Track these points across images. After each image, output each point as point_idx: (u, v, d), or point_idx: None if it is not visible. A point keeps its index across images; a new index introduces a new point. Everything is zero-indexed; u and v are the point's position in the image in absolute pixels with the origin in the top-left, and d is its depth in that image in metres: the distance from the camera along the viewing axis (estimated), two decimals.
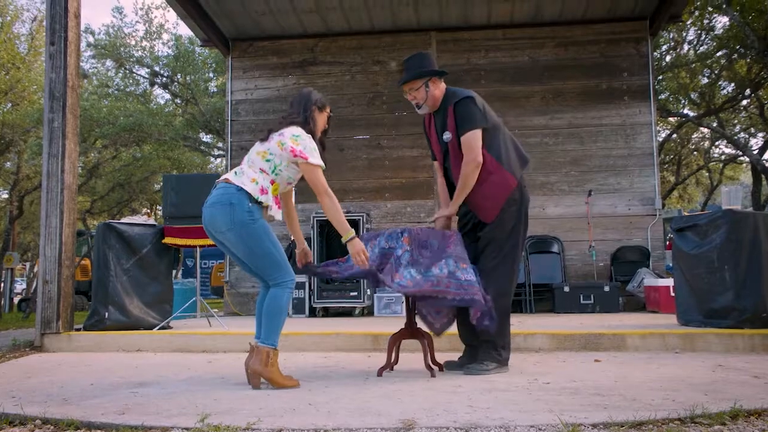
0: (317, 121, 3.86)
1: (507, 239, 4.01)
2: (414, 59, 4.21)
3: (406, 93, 4.21)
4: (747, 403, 2.85)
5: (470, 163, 3.91)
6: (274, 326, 3.62)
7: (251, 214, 3.54)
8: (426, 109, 4.19)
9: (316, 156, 3.72)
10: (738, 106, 15.33)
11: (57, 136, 5.71)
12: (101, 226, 6.18)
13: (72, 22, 5.84)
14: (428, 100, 4.14)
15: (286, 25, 9.47)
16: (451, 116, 4.01)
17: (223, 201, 3.57)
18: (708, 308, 5.42)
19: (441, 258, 3.84)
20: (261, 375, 3.55)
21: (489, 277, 3.94)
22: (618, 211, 9.09)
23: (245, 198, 3.54)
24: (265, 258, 3.60)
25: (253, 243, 3.57)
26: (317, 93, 3.93)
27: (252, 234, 3.55)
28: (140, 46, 16.82)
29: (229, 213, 3.54)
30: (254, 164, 3.68)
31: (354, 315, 8.22)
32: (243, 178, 3.61)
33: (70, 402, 3.20)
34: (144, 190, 18.42)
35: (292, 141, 3.66)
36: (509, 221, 4.01)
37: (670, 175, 18.32)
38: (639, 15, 9.28)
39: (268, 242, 3.59)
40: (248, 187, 3.56)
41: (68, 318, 5.72)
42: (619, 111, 9.28)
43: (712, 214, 5.63)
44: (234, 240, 3.59)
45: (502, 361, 3.99)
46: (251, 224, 3.54)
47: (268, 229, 3.62)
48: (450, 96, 4.11)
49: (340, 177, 9.46)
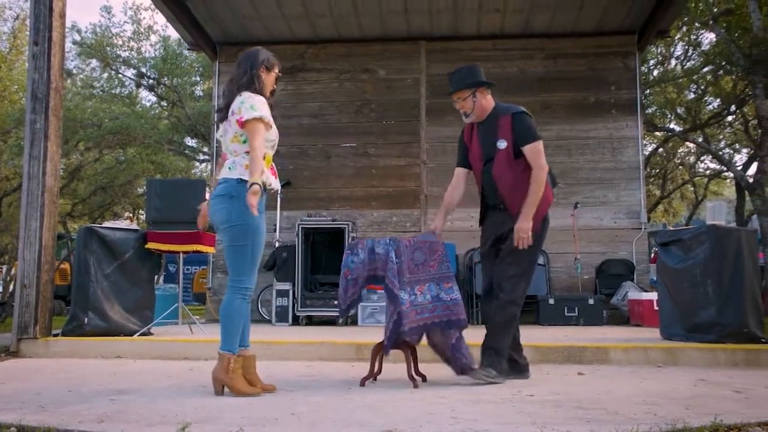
0: (264, 80, 3.76)
1: (528, 253, 4.09)
2: (462, 70, 4.41)
3: (454, 103, 4.34)
4: (727, 418, 2.85)
5: (541, 170, 4.07)
6: (228, 332, 3.58)
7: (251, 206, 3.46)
8: (473, 117, 4.30)
9: (251, 111, 3.57)
10: (723, 121, 15.47)
11: (39, 138, 5.63)
12: (82, 230, 6.11)
13: (56, 22, 5.77)
14: (475, 110, 4.26)
15: (275, 30, 9.44)
16: (507, 127, 4.14)
17: (222, 193, 3.56)
18: (691, 323, 5.45)
19: (424, 281, 3.96)
20: (222, 382, 3.53)
21: (505, 284, 4.06)
22: (604, 224, 9.12)
23: (244, 189, 3.47)
24: (237, 254, 3.58)
25: (239, 236, 3.55)
26: (265, 52, 3.83)
27: (244, 228, 3.54)
28: (127, 46, 16.72)
29: (229, 206, 3.53)
30: (237, 152, 3.64)
31: (338, 324, 8.16)
32: (238, 169, 3.58)
33: (47, 409, 3.14)
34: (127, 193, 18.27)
35: (237, 112, 3.60)
36: (534, 236, 4.08)
37: (655, 188, 18.45)
38: (627, 29, 9.33)
39: (250, 241, 3.57)
40: (246, 175, 3.52)
41: (46, 323, 5.63)
42: (606, 124, 9.31)
43: (696, 230, 5.67)
44: (223, 233, 3.59)
45: (501, 370, 4.04)
46: (248, 217, 3.49)
47: (260, 229, 3.62)
48: (502, 109, 4.25)
49: (326, 185, 9.43)
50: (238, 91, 3.68)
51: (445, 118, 9.37)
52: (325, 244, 8.54)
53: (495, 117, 4.23)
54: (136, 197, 19.18)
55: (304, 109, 9.63)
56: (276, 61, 3.85)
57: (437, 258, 4.03)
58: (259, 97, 3.64)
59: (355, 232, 8.44)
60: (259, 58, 3.76)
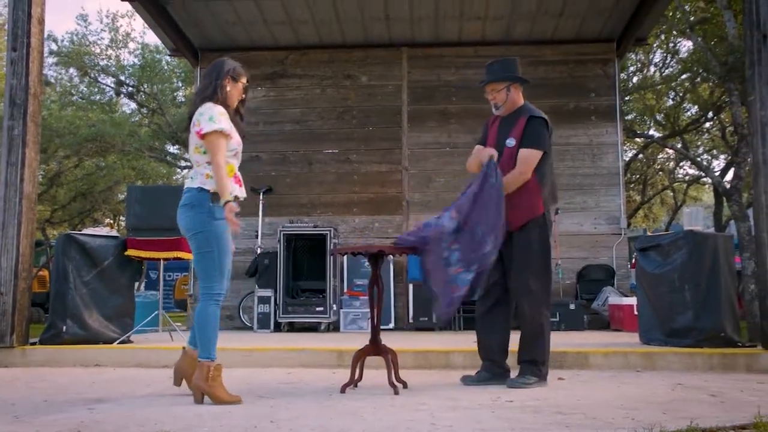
0: (230, 91, 3.78)
1: (538, 260, 4.18)
2: (500, 63, 4.37)
3: (486, 93, 4.33)
4: (703, 422, 2.88)
5: (519, 175, 4.12)
6: (205, 339, 3.60)
7: (212, 214, 3.58)
8: (502, 110, 4.33)
9: (210, 123, 3.60)
10: (701, 128, 15.64)
11: (17, 145, 5.58)
12: (61, 237, 6.07)
13: (35, 28, 5.73)
14: (507, 103, 4.29)
15: (257, 36, 9.43)
16: (521, 127, 4.17)
17: (186, 203, 3.64)
18: (669, 327, 5.50)
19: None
20: (202, 390, 3.53)
21: (528, 298, 4.13)
22: (584, 230, 9.18)
23: (206, 198, 3.59)
24: (204, 261, 3.62)
25: (203, 244, 3.60)
26: (231, 62, 3.85)
27: (206, 235, 3.59)
28: (105, 54, 16.58)
29: (191, 215, 3.61)
30: (199, 162, 3.69)
31: (320, 330, 8.15)
32: (199, 179, 3.64)
33: (22, 419, 3.10)
34: (107, 200, 18.08)
35: (197, 124, 3.64)
36: (536, 242, 4.18)
37: (636, 194, 18.59)
38: (606, 37, 9.42)
39: (215, 248, 3.60)
40: (207, 184, 3.60)
41: (23, 331, 5.57)
42: (586, 131, 9.39)
43: (673, 235, 5.74)
44: (190, 241, 3.65)
45: (542, 375, 4.14)
46: (209, 225, 3.57)
47: (224, 235, 3.63)
48: (527, 109, 4.29)
49: (308, 191, 9.41)
50: (202, 102, 3.71)
51: (426, 125, 9.41)
52: (306, 251, 8.53)
53: (518, 115, 4.28)
54: (116, 204, 19.00)
55: (286, 115, 9.62)
56: (243, 71, 3.86)
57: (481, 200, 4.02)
58: (218, 108, 3.66)
59: (336, 238, 8.43)
60: (224, 68, 3.78)
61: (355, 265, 8.81)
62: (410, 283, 8.59)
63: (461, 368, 5.00)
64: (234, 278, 9.01)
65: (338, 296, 8.45)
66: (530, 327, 4.17)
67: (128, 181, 16.35)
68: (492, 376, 4.21)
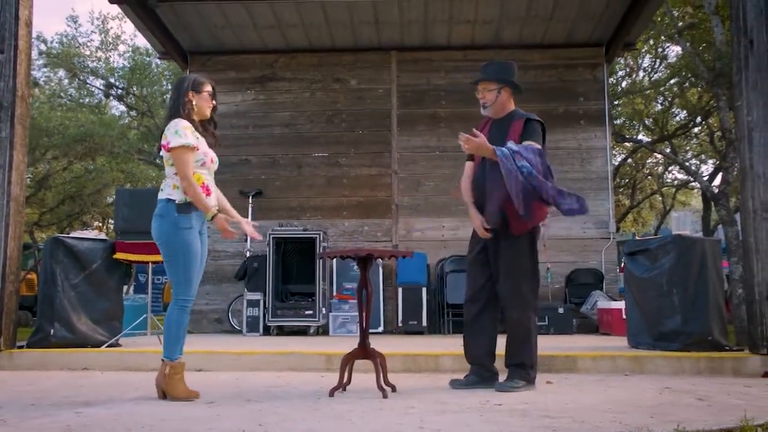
0: (196, 103, 3.90)
1: (527, 265, 4.19)
2: (497, 64, 4.42)
3: (478, 91, 4.34)
4: (690, 425, 2.89)
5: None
6: (167, 340, 3.82)
7: (176, 224, 3.74)
8: (489, 111, 4.35)
9: (176, 137, 3.74)
10: (690, 133, 15.74)
11: (4, 147, 5.54)
12: (49, 240, 6.04)
13: (23, 31, 5.70)
14: (495, 105, 4.31)
15: (246, 39, 9.42)
16: (519, 129, 4.21)
17: (155, 213, 3.82)
18: (657, 331, 5.53)
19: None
20: (161, 387, 3.76)
21: (515, 302, 4.15)
22: (573, 234, 9.21)
23: (173, 209, 3.76)
24: (170, 268, 3.81)
25: (169, 252, 3.78)
26: (191, 76, 4.00)
27: (171, 244, 3.76)
28: (95, 56, 16.52)
29: (158, 225, 3.79)
30: (168, 174, 3.86)
31: (309, 334, 8.13)
32: (167, 190, 3.81)
33: (8, 423, 3.08)
34: (96, 203, 17.97)
35: (164, 137, 3.80)
36: (526, 247, 4.19)
37: (625, 198, 18.69)
38: (596, 41, 9.48)
39: (181, 256, 3.76)
40: (174, 195, 3.78)
41: (11, 335, 5.53)
42: (575, 135, 9.43)
43: (661, 239, 5.78)
44: (160, 249, 3.81)
45: (530, 379, 4.15)
46: (173, 234, 3.75)
47: (189, 245, 3.77)
48: (520, 114, 4.34)
49: (297, 194, 9.41)
50: (169, 119, 3.86)
51: (416, 128, 9.43)
52: (296, 254, 8.52)
53: (511, 119, 4.31)
54: (105, 207, 18.91)
55: (275, 119, 9.61)
56: (204, 79, 3.98)
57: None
58: (183, 122, 3.80)
59: (326, 242, 8.42)
60: (184, 84, 3.93)
61: (345, 268, 8.81)
62: (399, 286, 8.60)
63: (450, 372, 5.00)
64: (223, 281, 9.15)
65: (327, 300, 8.44)
66: (518, 331, 4.17)
67: (117, 184, 16.28)
68: (481, 379, 4.22)
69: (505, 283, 4.17)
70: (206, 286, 8.78)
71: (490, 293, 4.26)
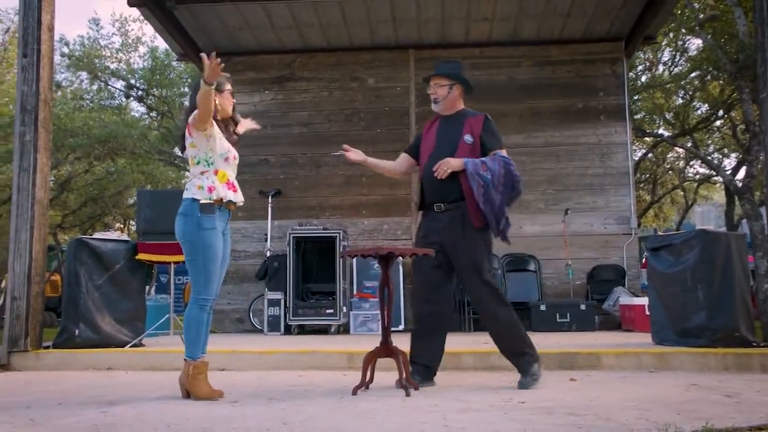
0: (218, 102, 3.95)
1: (486, 261, 4.19)
2: (451, 63, 4.51)
3: (429, 87, 4.42)
4: (719, 423, 2.86)
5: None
6: (188, 339, 3.85)
7: (200, 224, 3.79)
8: (440, 107, 4.39)
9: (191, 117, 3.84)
10: (711, 126, 15.55)
11: (28, 150, 5.62)
12: (73, 241, 6.10)
13: (45, 35, 5.77)
14: (446, 101, 4.37)
15: (264, 40, 9.46)
16: (478, 127, 4.25)
17: (179, 212, 3.87)
18: (682, 327, 5.46)
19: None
20: (186, 387, 3.78)
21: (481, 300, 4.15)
22: (594, 230, 9.14)
23: (196, 208, 3.80)
24: (191, 267, 3.85)
25: (191, 251, 3.82)
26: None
27: (193, 243, 3.81)
28: (116, 58, 16.68)
29: (182, 223, 3.84)
30: (193, 174, 3.92)
31: (330, 333, 8.15)
32: (191, 190, 3.86)
33: (37, 422, 3.12)
34: (117, 204, 18.14)
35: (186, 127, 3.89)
36: (482, 245, 4.19)
37: (645, 194, 18.51)
38: (614, 36, 9.40)
39: (201, 255, 3.81)
40: (198, 195, 3.82)
41: (37, 336, 5.60)
42: (595, 130, 9.36)
43: (685, 234, 5.71)
44: (182, 248, 3.86)
45: (536, 358, 4.13)
46: (196, 234, 3.79)
47: (211, 244, 3.82)
48: (471, 112, 4.39)
49: (316, 193, 9.43)
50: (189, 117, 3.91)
51: None
52: (316, 253, 8.54)
53: (463, 116, 4.35)
54: (126, 208, 19.07)
55: (294, 119, 9.64)
56: (223, 79, 3.99)
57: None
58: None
59: (346, 241, 8.43)
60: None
61: (365, 267, 8.81)
62: None
63: (471, 369, 4.99)
64: (244, 281, 9.19)
65: (348, 298, 8.45)
66: (499, 324, 4.14)
67: (138, 185, 16.41)
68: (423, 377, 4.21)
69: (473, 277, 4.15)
70: (227, 285, 8.82)
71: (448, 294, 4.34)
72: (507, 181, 4.16)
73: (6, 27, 17.39)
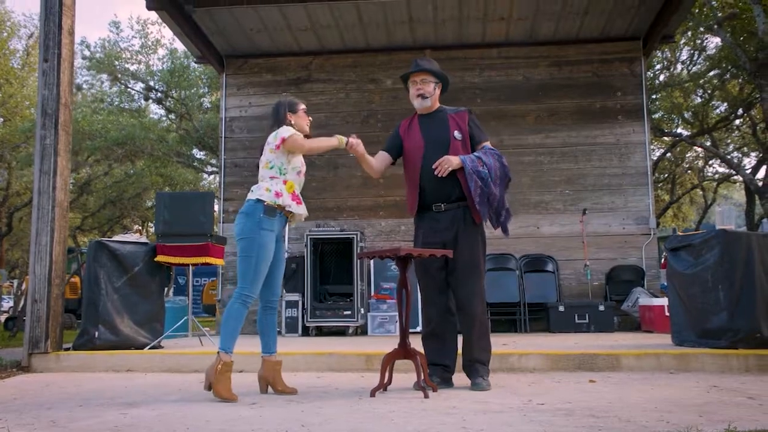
0: (295, 122, 4.20)
1: (480, 261, 4.23)
2: (432, 62, 4.54)
3: (414, 83, 4.45)
4: (741, 425, 2.82)
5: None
6: (224, 332, 3.93)
7: (260, 224, 3.91)
8: (427, 103, 4.41)
9: (286, 130, 4.06)
10: (731, 125, 15.41)
11: (49, 154, 5.67)
12: (93, 244, 6.14)
13: (66, 39, 5.83)
14: (433, 98, 4.42)
15: (281, 42, 9.50)
16: (464, 122, 4.31)
17: (241, 211, 4.01)
18: (702, 328, 5.40)
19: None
20: (209, 379, 3.81)
21: (473, 298, 4.15)
22: (612, 230, 9.08)
23: (260, 209, 3.93)
24: (243, 263, 3.93)
25: (246, 248, 3.93)
26: (285, 99, 4.28)
27: (250, 241, 3.91)
28: (135, 60, 16.84)
29: (242, 221, 3.96)
30: (263, 177, 4.07)
31: (347, 334, 8.16)
32: (258, 192, 4.00)
33: (58, 424, 3.15)
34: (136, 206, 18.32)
35: (272, 142, 4.06)
36: (479, 243, 4.24)
37: (664, 193, 18.38)
38: (632, 35, 9.34)
39: (255, 253, 3.91)
40: (264, 196, 3.95)
41: (57, 338, 5.65)
42: (613, 130, 9.30)
43: (705, 234, 5.63)
44: (237, 244, 3.99)
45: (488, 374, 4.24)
46: (255, 233, 3.91)
47: (266, 245, 3.94)
48: (450, 108, 4.46)
49: (334, 195, 9.45)
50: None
51: None
52: (334, 255, 8.55)
53: (443, 113, 4.41)
54: (145, 210, 19.25)
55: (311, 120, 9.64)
56: (296, 100, 4.29)
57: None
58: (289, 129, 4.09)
59: (363, 242, 8.44)
60: (281, 109, 4.20)
61: (382, 268, 8.81)
62: None
63: (492, 371, 4.96)
64: None
65: (365, 300, 8.45)
66: (480, 326, 4.18)
67: (156, 187, 16.55)
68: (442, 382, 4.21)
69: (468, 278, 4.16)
70: None
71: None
72: (502, 173, 4.22)
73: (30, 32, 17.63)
